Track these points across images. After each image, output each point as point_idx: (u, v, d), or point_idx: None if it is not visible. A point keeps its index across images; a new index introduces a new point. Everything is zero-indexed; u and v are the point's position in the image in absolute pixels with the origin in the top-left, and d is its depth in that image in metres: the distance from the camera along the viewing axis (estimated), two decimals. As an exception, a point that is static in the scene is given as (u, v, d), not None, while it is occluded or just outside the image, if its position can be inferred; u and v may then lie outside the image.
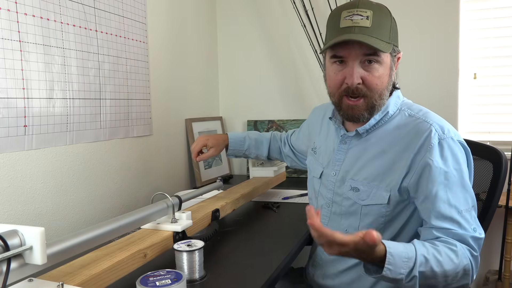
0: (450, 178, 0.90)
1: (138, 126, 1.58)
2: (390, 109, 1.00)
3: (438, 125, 0.95)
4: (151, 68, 1.67)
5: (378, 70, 0.95)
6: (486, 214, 1.05)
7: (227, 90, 2.34)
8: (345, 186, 1.03)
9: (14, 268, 0.62)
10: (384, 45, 0.92)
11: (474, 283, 1.96)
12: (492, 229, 1.90)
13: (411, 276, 0.79)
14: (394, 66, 0.99)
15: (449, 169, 0.91)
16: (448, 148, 0.92)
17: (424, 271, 0.80)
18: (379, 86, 0.96)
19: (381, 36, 0.93)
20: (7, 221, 1.08)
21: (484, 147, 1.13)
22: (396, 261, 0.77)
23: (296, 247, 1.10)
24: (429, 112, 1.01)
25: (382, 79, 0.96)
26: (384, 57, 0.95)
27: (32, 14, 1.12)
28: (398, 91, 1.04)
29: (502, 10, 1.87)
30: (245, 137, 1.46)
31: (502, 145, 1.87)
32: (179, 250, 0.86)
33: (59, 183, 1.24)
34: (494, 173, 1.08)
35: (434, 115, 1.00)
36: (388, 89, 0.99)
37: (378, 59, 0.94)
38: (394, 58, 0.99)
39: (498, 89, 1.91)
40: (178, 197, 1.05)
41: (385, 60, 0.96)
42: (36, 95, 1.14)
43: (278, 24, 2.19)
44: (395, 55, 0.99)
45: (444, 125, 0.96)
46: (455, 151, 0.92)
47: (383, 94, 0.97)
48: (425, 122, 0.96)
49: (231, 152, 1.45)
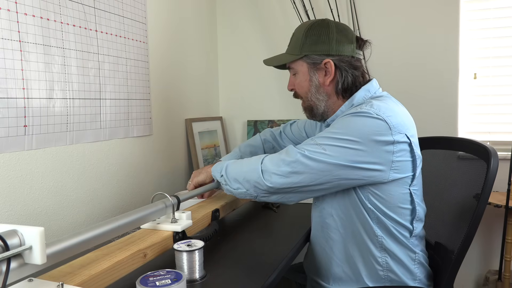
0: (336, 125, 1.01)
1: (138, 126, 1.58)
2: (355, 101, 1.09)
3: (370, 103, 1.01)
4: (151, 68, 1.67)
5: (296, 78, 1.15)
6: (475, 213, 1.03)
7: (227, 90, 2.34)
8: None
9: (14, 268, 0.62)
10: (289, 58, 1.13)
11: (474, 283, 1.96)
12: (492, 229, 1.90)
13: (221, 167, 1.11)
14: (315, 72, 1.10)
15: (344, 120, 1.00)
16: (354, 113, 0.99)
17: (230, 163, 1.10)
18: (301, 90, 1.14)
19: (291, 51, 1.13)
20: (7, 221, 1.08)
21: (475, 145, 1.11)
22: (219, 163, 1.15)
23: (296, 247, 1.10)
24: (380, 99, 1.05)
25: (302, 84, 1.13)
26: (296, 67, 1.13)
27: (32, 14, 1.12)
28: (368, 86, 1.10)
29: (502, 10, 1.87)
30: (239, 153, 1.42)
31: (502, 145, 1.87)
32: (179, 250, 0.86)
33: (59, 183, 1.24)
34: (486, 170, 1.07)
35: (382, 100, 1.04)
36: (318, 90, 1.11)
37: (293, 70, 1.14)
38: (317, 64, 1.09)
39: (498, 89, 1.92)
40: (177, 197, 1.05)
41: (299, 69, 1.13)
42: (36, 95, 1.14)
43: (278, 24, 2.19)
44: (314, 62, 1.10)
45: (374, 103, 1.01)
46: (356, 117, 0.98)
47: (311, 95, 1.12)
48: (362, 104, 1.04)
49: None
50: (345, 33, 1.10)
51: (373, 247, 1.04)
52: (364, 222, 1.04)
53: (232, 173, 1.08)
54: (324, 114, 1.14)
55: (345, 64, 1.08)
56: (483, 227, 1.92)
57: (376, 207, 1.02)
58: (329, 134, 0.99)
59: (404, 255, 1.04)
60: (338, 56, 1.08)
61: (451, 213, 1.14)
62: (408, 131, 0.99)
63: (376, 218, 1.03)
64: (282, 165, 0.99)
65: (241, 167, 1.07)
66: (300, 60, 1.11)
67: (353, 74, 1.09)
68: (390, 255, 1.04)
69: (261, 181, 1.00)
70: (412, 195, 1.02)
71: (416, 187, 1.04)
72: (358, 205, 1.04)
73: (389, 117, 0.97)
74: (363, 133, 0.95)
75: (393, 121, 0.97)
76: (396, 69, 1.98)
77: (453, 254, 1.04)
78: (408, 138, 0.98)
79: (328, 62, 1.08)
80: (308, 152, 0.98)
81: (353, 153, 0.96)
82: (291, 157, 0.99)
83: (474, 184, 1.07)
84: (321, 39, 1.08)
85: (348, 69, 1.09)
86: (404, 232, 1.04)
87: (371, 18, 1.99)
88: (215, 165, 1.16)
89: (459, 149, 1.20)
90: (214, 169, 1.15)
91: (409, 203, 1.03)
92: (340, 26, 1.11)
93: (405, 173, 1.00)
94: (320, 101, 1.12)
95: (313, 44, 1.09)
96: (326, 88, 1.11)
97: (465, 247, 1.00)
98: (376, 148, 0.95)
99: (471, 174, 1.10)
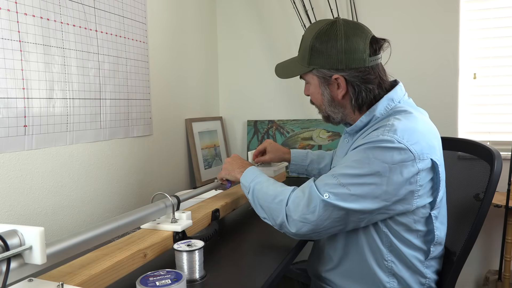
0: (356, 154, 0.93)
1: (138, 126, 1.58)
2: (377, 112, 1.02)
3: (392, 122, 0.94)
4: (151, 68, 1.67)
5: (309, 88, 1.10)
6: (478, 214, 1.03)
7: (227, 90, 2.34)
8: None
9: (14, 268, 0.62)
10: (299, 70, 1.08)
11: (474, 283, 1.96)
12: (492, 229, 1.90)
13: (249, 187, 1.07)
14: (327, 87, 1.04)
15: (366, 147, 0.92)
16: (376, 142, 0.91)
17: (257, 187, 1.05)
18: (314, 100, 1.10)
19: (301, 60, 1.07)
20: (7, 221, 1.08)
21: (479, 147, 1.11)
22: (249, 173, 1.11)
23: (297, 247, 1.10)
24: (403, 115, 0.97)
25: (315, 96, 1.09)
26: (307, 78, 1.08)
27: (32, 14, 1.12)
28: (392, 94, 1.03)
29: (502, 10, 1.87)
30: (307, 152, 1.46)
31: (502, 145, 1.87)
32: (179, 250, 0.86)
33: (59, 183, 1.24)
34: (490, 172, 1.07)
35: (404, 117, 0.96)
36: (332, 104, 1.06)
37: (305, 80, 1.10)
38: (328, 80, 1.03)
39: (498, 89, 1.91)
40: (177, 197, 1.05)
41: (311, 81, 1.07)
42: (36, 95, 1.14)
43: (278, 24, 2.19)
44: (324, 77, 1.03)
45: (397, 124, 0.92)
46: (378, 150, 0.90)
47: (325, 108, 1.08)
48: (386, 120, 0.97)
49: (294, 168, 1.46)
50: (357, 39, 0.99)
51: (379, 271, 0.99)
52: (374, 249, 0.99)
53: (259, 200, 1.03)
54: (342, 121, 1.10)
55: (357, 80, 1.00)
56: (483, 227, 1.89)
57: (393, 231, 0.97)
58: (351, 169, 0.91)
59: (414, 281, 1.00)
60: (348, 71, 1.00)
61: (452, 214, 1.14)
62: (433, 154, 0.93)
63: (388, 243, 0.98)
64: (306, 212, 0.92)
65: (267, 197, 1.01)
66: (309, 73, 1.06)
67: (367, 89, 1.01)
68: (398, 280, 0.99)
69: (286, 226, 0.96)
70: (432, 218, 0.97)
71: (436, 211, 0.98)
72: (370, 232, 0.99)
73: (413, 145, 0.90)
74: (386, 168, 0.89)
75: (417, 149, 0.90)
76: (396, 69, 1.98)
77: (455, 255, 1.04)
78: (433, 161, 0.93)
79: (339, 78, 1.01)
80: (332, 195, 0.91)
81: (379, 192, 0.89)
82: (313, 201, 0.92)
83: (474, 184, 1.07)
84: (327, 52, 1.00)
85: (360, 84, 1.01)
86: (419, 255, 0.99)
87: (371, 18, 1.99)
88: (246, 175, 1.11)
89: (461, 150, 1.19)
90: (244, 181, 1.11)
91: (429, 226, 0.98)
92: (350, 31, 1.00)
93: (427, 199, 0.95)
94: (336, 113, 1.08)
95: (320, 57, 1.01)
96: (340, 102, 1.05)
97: (467, 249, 1.00)
98: (400, 181, 0.89)
99: (471, 174, 1.10)
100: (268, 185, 1.04)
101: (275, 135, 2.20)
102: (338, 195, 0.90)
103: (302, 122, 2.17)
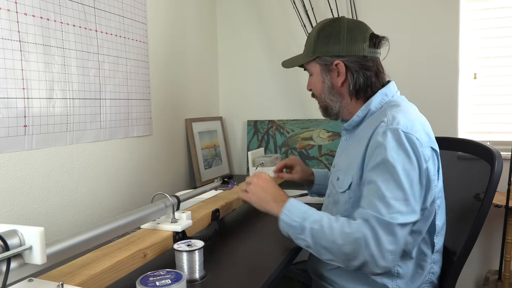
0: (388, 168, 0.91)
1: (138, 126, 1.58)
2: (372, 106, 1.07)
3: (391, 115, 0.97)
4: (151, 68, 1.67)
5: (311, 79, 1.16)
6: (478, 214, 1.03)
7: (227, 90, 2.34)
8: (334, 176, 1.13)
9: (14, 268, 0.62)
10: (303, 59, 1.14)
11: (474, 283, 1.96)
12: (492, 229, 1.90)
13: (302, 227, 0.95)
14: (328, 73, 1.10)
15: (389, 157, 0.92)
16: (392, 137, 0.93)
17: (315, 228, 0.94)
18: (315, 91, 1.15)
19: (306, 52, 1.13)
20: (7, 221, 1.08)
21: (479, 147, 1.12)
22: (294, 209, 0.98)
23: (296, 247, 1.10)
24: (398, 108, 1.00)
25: (316, 85, 1.14)
26: (310, 68, 1.14)
27: (32, 14, 1.12)
28: (386, 90, 1.08)
29: (502, 10, 1.87)
30: (327, 172, 1.43)
31: (502, 145, 1.87)
32: (179, 250, 0.86)
33: (59, 183, 1.24)
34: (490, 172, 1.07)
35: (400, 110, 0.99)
36: (331, 91, 1.10)
37: (309, 71, 1.15)
38: (329, 66, 1.08)
39: (498, 89, 1.91)
40: (177, 197, 1.05)
41: (313, 71, 1.13)
42: (36, 95, 1.14)
43: (278, 24, 2.19)
44: (326, 63, 1.09)
45: (397, 117, 0.95)
46: (399, 141, 0.93)
47: (324, 96, 1.12)
48: (383, 113, 1.00)
49: (316, 189, 1.42)
50: (357, 31, 1.07)
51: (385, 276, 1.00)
52: None
53: (321, 241, 0.93)
54: (339, 114, 1.14)
55: (356, 65, 1.06)
56: (483, 227, 1.90)
57: None
58: (389, 176, 0.91)
59: (418, 277, 1.01)
60: (348, 57, 1.06)
61: (452, 214, 1.14)
62: (433, 143, 0.97)
63: None
64: (388, 245, 0.88)
65: (334, 238, 0.91)
66: (313, 62, 1.12)
67: (365, 75, 1.06)
68: (401, 278, 1.00)
69: (370, 267, 0.89)
70: (435, 208, 1.00)
71: (439, 200, 1.01)
72: None
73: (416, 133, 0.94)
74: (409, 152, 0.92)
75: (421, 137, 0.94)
76: (396, 68, 1.98)
77: (455, 255, 1.04)
78: (433, 149, 0.97)
79: (339, 63, 1.07)
80: (399, 215, 0.88)
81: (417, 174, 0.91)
82: (393, 234, 0.88)
83: (474, 184, 1.07)
84: (331, 40, 1.08)
85: (359, 70, 1.06)
86: (427, 249, 1.01)
87: (371, 18, 1.98)
88: (289, 212, 0.98)
89: (461, 150, 1.19)
90: (287, 219, 0.98)
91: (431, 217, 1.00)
92: (352, 24, 1.08)
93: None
94: (334, 102, 1.12)
95: (324, 45, 1.09)
96: (339, 89, 1.10)
97: (467, 249, 1.00)
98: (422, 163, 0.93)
99: (471, 174, 1.10)
100: (330, 223, 0.93)
101: (275, 135, 2.20)
102: (401, 214, 0.89)
103: (302, 122, 2.17)
